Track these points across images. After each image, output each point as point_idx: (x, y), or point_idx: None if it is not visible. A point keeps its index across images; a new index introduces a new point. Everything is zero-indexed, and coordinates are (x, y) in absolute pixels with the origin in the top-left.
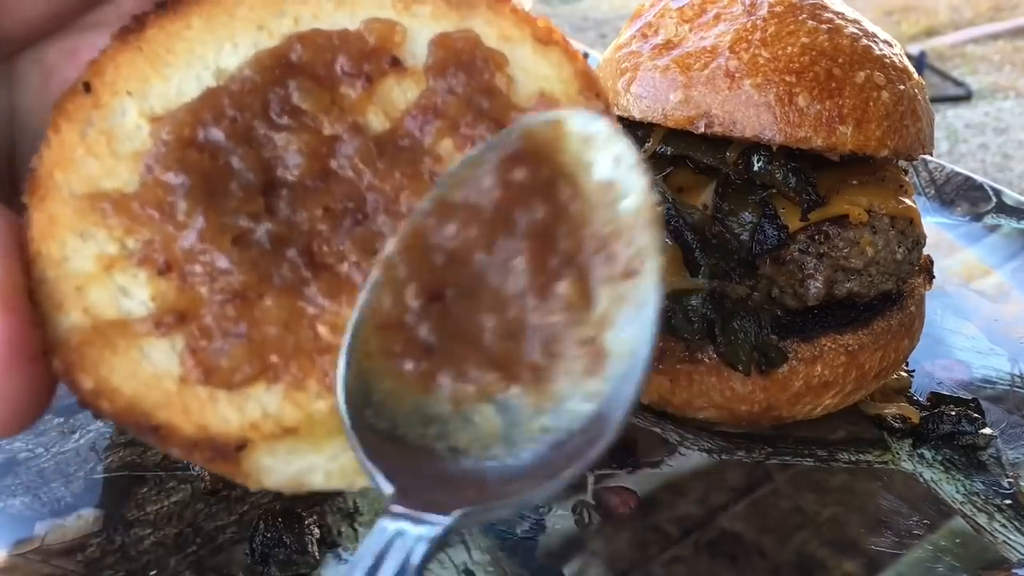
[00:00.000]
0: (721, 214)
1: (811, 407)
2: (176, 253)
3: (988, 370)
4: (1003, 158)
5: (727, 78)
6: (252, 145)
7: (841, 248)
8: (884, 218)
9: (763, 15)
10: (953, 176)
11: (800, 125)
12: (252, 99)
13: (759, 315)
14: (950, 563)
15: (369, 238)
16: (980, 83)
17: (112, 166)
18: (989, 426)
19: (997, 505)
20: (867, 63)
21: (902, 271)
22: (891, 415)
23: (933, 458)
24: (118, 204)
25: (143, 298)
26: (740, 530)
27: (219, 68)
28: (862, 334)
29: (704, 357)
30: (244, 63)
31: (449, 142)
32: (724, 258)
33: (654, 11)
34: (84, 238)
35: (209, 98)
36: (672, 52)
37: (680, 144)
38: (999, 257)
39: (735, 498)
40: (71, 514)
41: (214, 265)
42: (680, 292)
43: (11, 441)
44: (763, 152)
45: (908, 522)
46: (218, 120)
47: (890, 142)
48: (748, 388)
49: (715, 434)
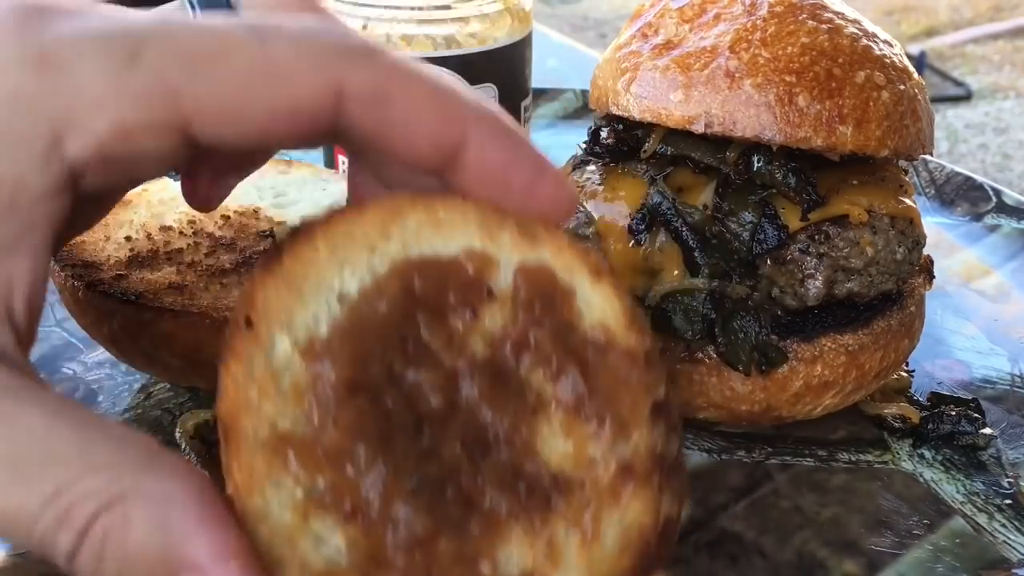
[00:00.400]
0: (721, 214)
1: (811, 407)
2: (360, 498)
3: (988, 370)
4: (1003, 158)
5: (727, 78)
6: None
7: (841, 248)
8: (884, 218)
9: (763, 15)
10: (953, 176)
11: (800, 125)
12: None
13: (759, 315)
14: (950, 563)
15: (499, 470)
16: (980, 83)
17: (281, 405)
18: (989, 426)
19: (997, 505)
20: (867, 63)
21: (902, 271)
22: (891, 415)
23: (933, 458)
24: (299, 449)
25: (338, 545)
26: (740, 530)
27: (342, 292)
28: (862, 334)
29: (704, 357)
30: (366, 289)
31: (540, 373)
32: (724, 258)
33: (654, 11)
34: (278, 488)
35: (350, 332)
36: (672, 52)
37: (680, 144)
38: (999, 257)
39: (735, 498)
40: None
41: (396, 511)
42: (680, 292)
43: None
44: (763, 152)
45: (908, 522)
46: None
47: (890, 142)
48: (748, 388)
49: (715, 434)
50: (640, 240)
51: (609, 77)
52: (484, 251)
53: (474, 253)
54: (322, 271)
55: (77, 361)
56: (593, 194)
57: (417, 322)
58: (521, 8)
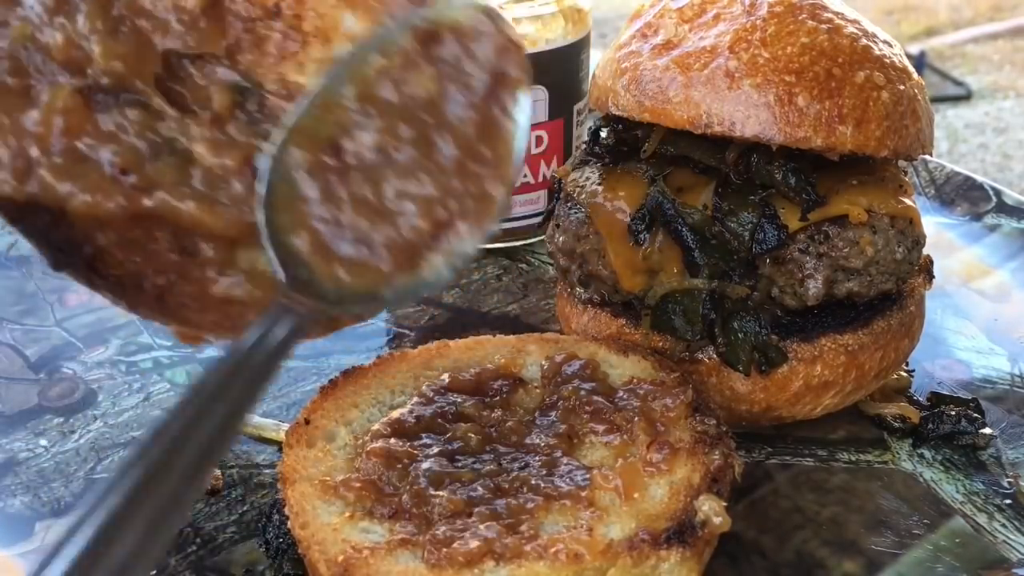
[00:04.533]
0: (721, 214)
1: (811, 407)
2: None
3: (988, 370)
4: (1003, 158)
5: (727, 78)
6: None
7: (841, 248)
8: (884, 218)
9: (763, 15)
10: (953, 176)
11: (800, 125)
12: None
13: (759, 315)
14: (950, 563)
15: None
16: (980, 83)
17: (334, 464)
18: (989, 426)
19: (997, 505)
20: (867, 63)
21: (902, 271)
22: (891, 415)
23: (933, 458)
24: (346, 485)
25: (382, 532)
26: (740, 530)
27: (393, 404)
28: (862, 334)
29: (704, 357)
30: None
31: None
32: (724, 258)
33: (654, 11)
34: (328, 504)
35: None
36: (672, 52)
37: (680, 144)
38: (999, 257)
39: (735, 498)
40: (71, 514)
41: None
42: (680, 292)
43: (11, 441)
44: (763, 152)
45: (908, 522)
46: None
47: (890, 142)
48: (748, 388)
49: None
50: (640, 240)
51: (609, 77)
52: (512, 359)
53: (504, 361)
54: (373, 393)
55: (77, 361)
56: (593, 194)
57: (449, 404)
58: (577, 9)
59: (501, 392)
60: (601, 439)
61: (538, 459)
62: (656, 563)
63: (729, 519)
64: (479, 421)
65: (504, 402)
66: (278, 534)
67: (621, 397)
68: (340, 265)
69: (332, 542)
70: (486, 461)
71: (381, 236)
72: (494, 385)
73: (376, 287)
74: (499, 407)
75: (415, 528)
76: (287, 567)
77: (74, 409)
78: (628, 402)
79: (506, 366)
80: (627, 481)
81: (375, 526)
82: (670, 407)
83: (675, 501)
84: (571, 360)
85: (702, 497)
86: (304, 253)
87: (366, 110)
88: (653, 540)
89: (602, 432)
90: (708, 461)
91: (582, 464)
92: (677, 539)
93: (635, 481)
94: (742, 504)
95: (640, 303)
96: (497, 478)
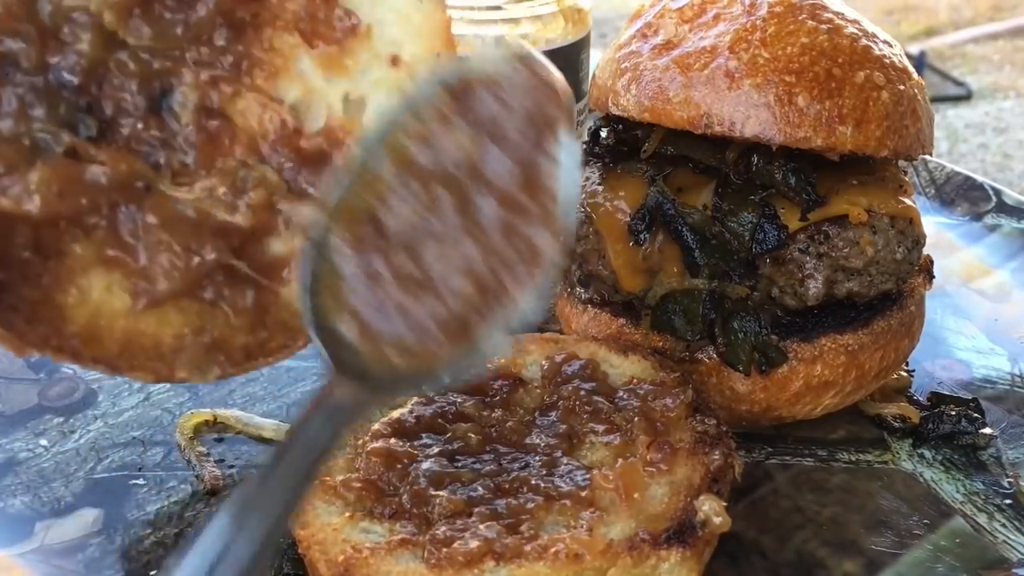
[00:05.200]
0: (721, 214)
1: (811, 407)
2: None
3: (988, 370)
4: (1003, 158)
5: (727, 78)
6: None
7: (841, 248)
8: (884, 218)
9: (763, 15)
10: (953, 176)
11: (800, 125)
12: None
13: (759, 315)
14: (950, 563)
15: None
16: (980, 83)
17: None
18: (989, 426)
19: (997, 505)
20: (867, 63)
21: (902, 271)
22: (891, 415)
23: (933, 458)
24: (347, 485)
25: (382, 532)
26: (740, 530)
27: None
28: (862, 334)
29: (704, 357)
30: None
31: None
32: (724, 258)
33: (654, 11)
34: (328, 504)
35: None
36: (672, 52)
37: (680, 144)
38: (999, 257)
39: (735, 498)
40: (71, 514)
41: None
42: (680, 292)
43: (11, 441)
44: (763, 152)
45: (908, 522)
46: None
47: (890, 142)
48: (748, 388)
49: None
50: (640, 240)
51: (609, 77)
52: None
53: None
54: None
55: None
56: (593, 194)
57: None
58: (577, 9)
59: (501, 392)
60: (601, 439)
61: (538, 459)
62: (656, 563)
63: (729, 519)
64: (479, 421)
65: (504, 402)
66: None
67: (621, 397)
68: (390, 347)
69: (332, 542)
70: (486, 461)
71: (429, 312)
72: (494, 385)
73: (431, 367)
74: (499, 407)
75: (415, 528)
76: (287, 567)
77: (74, 409)
78: (628, 402)
79: (506, 366)
80: (627, 481)
81: (375, 526)
82: (670, 407)
83: (675, 501)
84: (571, 360)
85: (702, 497)
86: (350, 337)
87: (404, 179)
88: (653, 540)
89: (602, 432)
90: (708, 461)
91: (582, 464)
92: (677, 539)
93: (635, 481)
94: (742, 504)
95: (640, 303)
96: (497, 478)
